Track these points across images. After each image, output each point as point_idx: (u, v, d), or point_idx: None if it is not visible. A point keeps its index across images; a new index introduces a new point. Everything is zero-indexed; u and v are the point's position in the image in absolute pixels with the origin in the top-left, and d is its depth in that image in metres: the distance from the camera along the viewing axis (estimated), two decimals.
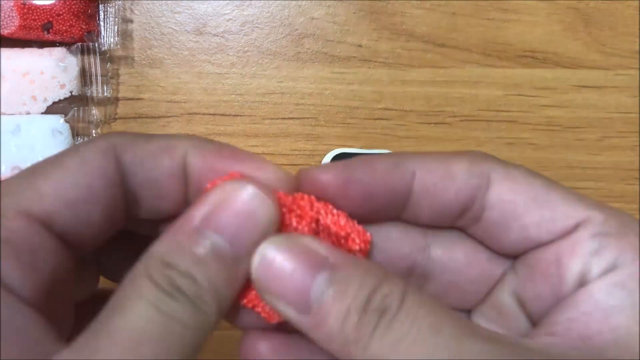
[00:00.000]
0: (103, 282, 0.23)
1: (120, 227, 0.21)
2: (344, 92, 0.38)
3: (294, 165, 0.38)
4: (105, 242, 0.20)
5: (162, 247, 0.18)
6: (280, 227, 0.20)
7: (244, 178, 0.20)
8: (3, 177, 0.34)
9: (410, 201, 0.22)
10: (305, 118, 0.38)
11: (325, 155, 0.38)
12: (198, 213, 0.19)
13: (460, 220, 0.22)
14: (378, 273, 0.19)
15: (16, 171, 0.34)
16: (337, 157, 0.38)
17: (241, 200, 0.19)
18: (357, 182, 0.21)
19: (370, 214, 0.22)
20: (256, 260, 0.19)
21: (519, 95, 0.39)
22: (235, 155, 0.21)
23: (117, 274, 0.21)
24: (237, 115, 0.38)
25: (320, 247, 0.19)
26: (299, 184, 0.22)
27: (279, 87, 0.38)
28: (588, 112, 0.39)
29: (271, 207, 0.19)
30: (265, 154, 0.38)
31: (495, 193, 0.21)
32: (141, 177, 0.20)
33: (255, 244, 0.19)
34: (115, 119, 0.37)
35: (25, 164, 0.34)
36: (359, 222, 0.22)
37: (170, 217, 0.21)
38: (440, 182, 0.21)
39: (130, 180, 0.20)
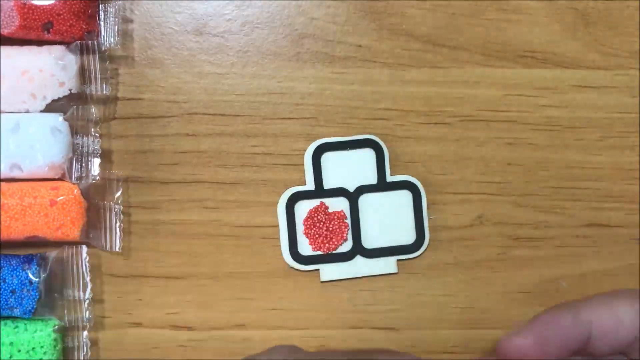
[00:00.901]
0: None
1: None
2: (344, 92, 0.38)
3: (294, 165, 0.38)
4: None
5: None
6: None
7: None
8: (3, 175, 0.34)
9: (588, 344, 0.29)
10: (305, 118, 0.38)
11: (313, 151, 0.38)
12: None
13: (628, 351, 0.29)
14: None
15: (15, 169, 0.34)
16: (318, 149, 0.37)
17: None
18: (550, 341, 0.28)
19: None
20: None
21: (519, 95, 0.39)
22: None
23: None
24: (237, 115, 0.38)
25: None
26: (498, 352, 0.29)
27: (278, 87, 0.38)
28: (588, 112, 0.39)
29: None
30: (265, 154, 0.38)
31: None
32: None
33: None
34: (114, 118, 0.37)
35: (25, 161, 0.34)
36: None
37: None
38: (613, 327, 0.29)
39: None
